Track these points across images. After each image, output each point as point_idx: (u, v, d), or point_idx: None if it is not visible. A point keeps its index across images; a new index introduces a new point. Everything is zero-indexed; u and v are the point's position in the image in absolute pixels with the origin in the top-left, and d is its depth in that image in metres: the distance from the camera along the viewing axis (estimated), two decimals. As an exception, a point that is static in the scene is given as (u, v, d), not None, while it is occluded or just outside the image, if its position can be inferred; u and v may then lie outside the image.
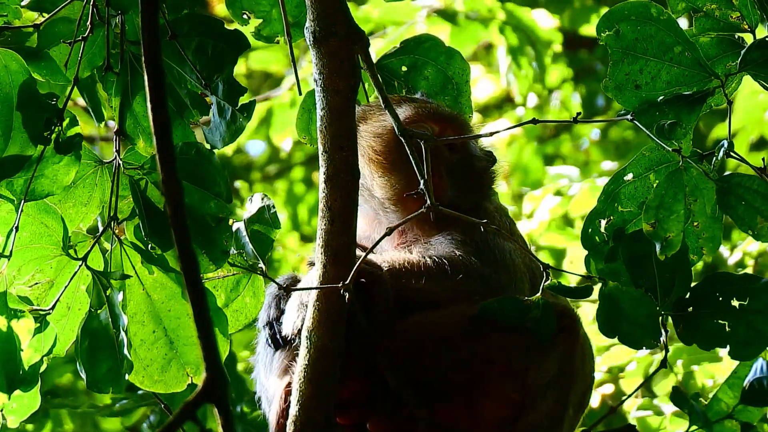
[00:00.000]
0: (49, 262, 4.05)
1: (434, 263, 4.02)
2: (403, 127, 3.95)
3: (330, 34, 3.89)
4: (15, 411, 3.98)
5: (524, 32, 8.77)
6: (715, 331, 3.93)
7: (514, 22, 8.75)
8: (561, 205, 7.14)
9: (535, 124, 4.27)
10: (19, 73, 3.95)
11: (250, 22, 4.34)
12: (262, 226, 4.06)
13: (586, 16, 9.81)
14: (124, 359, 3.95)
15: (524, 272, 4.18)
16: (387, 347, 3.96)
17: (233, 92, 4.03)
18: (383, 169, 4.24)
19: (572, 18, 9.93)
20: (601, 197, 4.02)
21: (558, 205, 7.15)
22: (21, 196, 3.98)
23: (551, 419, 4.04)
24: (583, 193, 7.06)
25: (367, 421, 4.00)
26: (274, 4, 4.32)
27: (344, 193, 3.86)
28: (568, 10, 9.89)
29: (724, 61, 3.99)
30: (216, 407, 2.83)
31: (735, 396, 4.14)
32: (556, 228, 7.15)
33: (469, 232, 4.10)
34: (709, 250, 3.97)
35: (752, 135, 8.45)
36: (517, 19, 8.75)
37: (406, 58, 4.46)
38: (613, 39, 3.95)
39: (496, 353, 3.98)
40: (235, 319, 4.18)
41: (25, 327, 3.91)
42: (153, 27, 2.93)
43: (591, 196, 7.02)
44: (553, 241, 7.16)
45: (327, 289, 3.83)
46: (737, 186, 3.93)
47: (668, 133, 3.92)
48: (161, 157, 2.84)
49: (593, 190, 7.05)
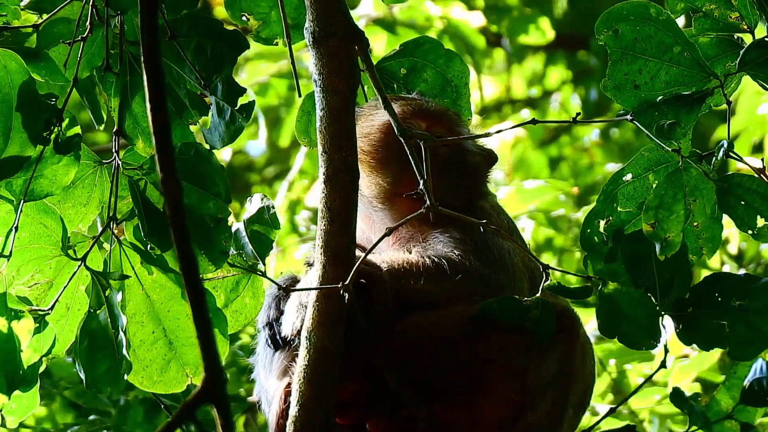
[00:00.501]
0: (49, 263, 4.05)
1: (433, 263, 4.02)
2: (402, 127, 3.95)
3: (329, 35, 3.89)
4: (14, 411, 3.98)
5: (462, 40, 8.79)
6: (714, 331, 3.93)
7: (452, 30, 8.77)
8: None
9: (535, 125, 4.27)
10: (19, 73, 3.95)
11: (249, 23, 4.34)
12: (262, 226, 4.06)
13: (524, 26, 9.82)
14: (123, 359, 3.95)
15: (523, 271, 4.17)
16: (386, 347, 3.96)
17: (232, 92, 4.03)
18: (370, 168, 4.24)
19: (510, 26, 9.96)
20: (600, 197, 4.02)
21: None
22: (20, 197, 3.98)
23: (551, 419, 4.04)
24: (511, 194, 7.06)
25: (366, 422, 4.00)
26: (273, 6, 4.32)
27: (343, 194, 3.86)
28: (507, 18, 9.92)
29: (724, 61, 3.99)
30: (215, 407, 2.83)
31: (734, 396, 4.14)
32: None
33: (468, 231, 4.10)
34: (708, 251, 3.97)
35: (754, 137, 8.45)
36: (454, 28, 8.77)
37: (406, 61, 4.46)
38: (612, 39, 3.95)
39: (495, 353, 3.98)
40: (234, 319, 4.18)
41: (25, 327, 3.91)
42: (152, 27, 2.93)
43: (518, 197, 7.05)
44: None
45: (326, 290, 3.83)
46: (737, 186, 3.93)
47: (667, 133, 3.92)
48: (160, 158, 2.84)
49: (520, 191, 7.07)
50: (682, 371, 6.11)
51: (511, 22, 9.73)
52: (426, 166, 3.91)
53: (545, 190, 7.09)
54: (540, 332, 3.96)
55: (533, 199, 7.07)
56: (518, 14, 9.68)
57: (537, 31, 9.57)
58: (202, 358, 2.80)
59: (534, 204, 7.07)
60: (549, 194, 7.09)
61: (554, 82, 11.50)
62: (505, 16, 9.66)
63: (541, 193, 7.06)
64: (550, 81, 11.48)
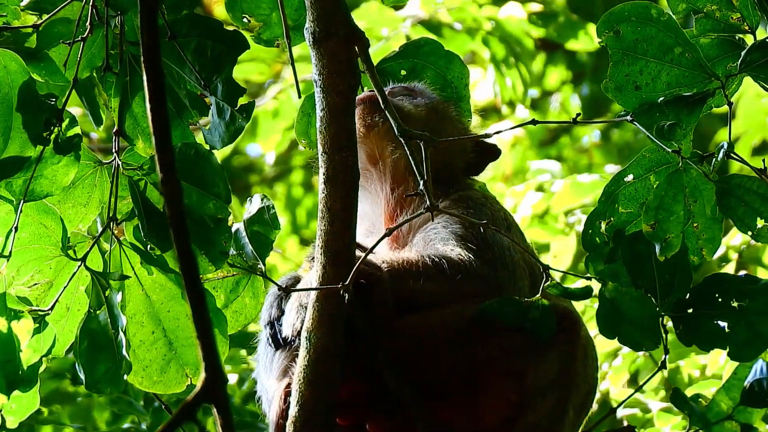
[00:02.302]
0: (49, 263, 4.05)
1: (433, 263, 4.02)
2: (402, 127, 3.95)
3: (330, 35, 3.89)
4: (14, 411, 3.98)
5: (508, 42, 8.79)
6: (714, 332, 3.93)
7: (499, 32, 8.77)
8: (543, 200, 7.17)
9: (535, 125, 4.27)
10: (19, 73, 3.95)
11: (250, 25, 4.34)
12: (262, 226, 4.06)
13: (573, 32, 9.82)
14: (123, 360, 3.95)
15: (524, 269, 4.17)
16: (386, 347, 3.96)
17: (232, 93, 4.03)
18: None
19: (558, 31, 9.95)
20: (601, 198, 4.02)
21: (540, 201, 7.17)
22: (20, 197, 3.97)
23: (551, 420, 4.03)
24: (565, 188, 7.09)
25: (366, 422, 4.00)
26: (273, 7, 4.32)
27: (344, 194, 3.86)
28: (553, 23, 9.91)
29: (725, 63, 3.98)
30: (215, 407, 2.83)
31: (734, 397, 4.14)
32: (539, 223, 7.19)
33: (469, 226, 4.10)
34: (708, 251, 3.97)
35: (755, 139, 8.45)
36: (501, 30, 8.77)
37: (406, 62, 4.46)
38: (614, 40, 3.95)
39: (495, 354, 3.98)
40: (234, 320, 4.18)
41: (25, 327, 3.91)
42: (152, 28, 2.92)
43: (573, 191, 7.08)
44: (536, 236, 7.20)
45: (326, 290, 3.83)
46: (737, 187, 3.93)
47: (668, 134, 3.91)
48: (160, 158, 2.84)
49: (575, 186, 7.09)
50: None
51: (559, 28, 9.73)
52: (426, 166, 3.90)
53: (600, 184, 7.09)
54: (540, 333, 3.96)
55: (587, 193, 7.08)
56: (565, 20, 9.67)
57: (585, 37, 9.56)
58: (202, 358, 2.79)
59: (588, 198, 7.07)
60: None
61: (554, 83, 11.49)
62: (552, 21, 9.66)
63: (596, 187, 7.05)
64: (549, 81, 11.48)
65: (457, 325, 4.00)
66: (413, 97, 4.42)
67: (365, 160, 4.37)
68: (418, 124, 4.18)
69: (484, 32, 8.72)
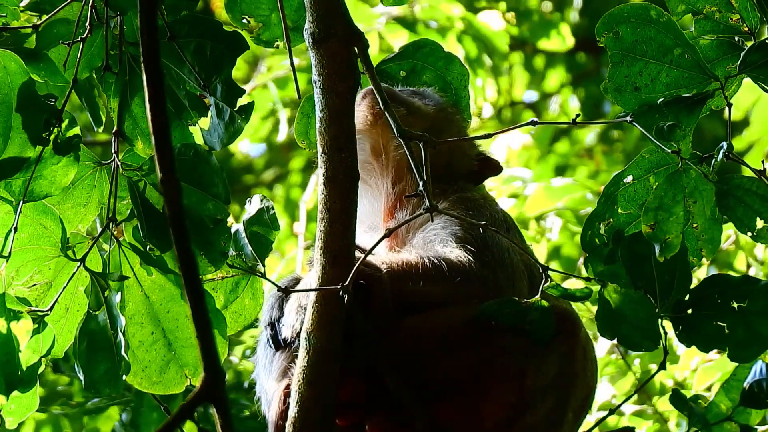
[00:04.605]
0: (48, 263, 4.05)
1: (432, 265, 4.02)
2: (402, 128, 3.95)
3: (329, 35, 3.89)
4: (13, 412, 3.98)
5: (482, 41, 8.80)
6: (714, 333, 3.93)
7: (472, 31, 8.77)
8: (516, 207, 7.17)
9: (534, 126, 4.27)
10: (18, 74, 3.95)
11: (250, 26, 4.34)
12: (261, 227, 4.06)
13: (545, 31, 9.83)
14: (122, 360, 3.95)
15: (522, 271, 4.17)
16: (386, 349, 3.96)
17: (232, 93, 4.04)
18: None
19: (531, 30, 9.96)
20: (600, 199, 4.03)
21: (513, 207, 7.17)
22: (19, 197, 3.97)
23: (550, 422, 4.03)
24: (538, 192, 7.09)
25: (365, 423, 4.00)
26: (273, 8, 4.32)
27: (343, 195, 3.86)
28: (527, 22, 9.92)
29: (724, 64, 3.98)
30: (215, 407, 2.83)
31: (733, 398, 4.14)
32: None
33: (468, 227, 4.10)
34: (708, 252, 3.97)
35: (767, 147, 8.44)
36: (475, 29, 8.78)
37: (405, 63, 4.46)
38: (613, 41, 3.95)
39: (494, 355, 3.98)
40: (234, 320, 4.18)
41: (24, 328, 3.91)
42: (152, 28, 2.92)
43: (545, 196, 7.07)
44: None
45: (326, 291, 3.82)
46: (736, 188, 3.93)
47: (667, 135, 3.91)
48: (160, 159, 2.84)
49: (548, 189, 7.08)
50: (705, 373, 6.08)
51: (533, 27, 9.73)
52: (426, 166, 3.91)
53: (573, 188, 7.09)
54: (539, 334, 3.96)
55: (561, 196, 7.09)
56: (539, 19, 9.68)
57: (558, 37, 9.58)
58: (201, 359, 2.79)
59: (562, 202, 7.08)
60: (577, 192, 7.10)
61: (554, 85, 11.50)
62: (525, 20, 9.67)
63: (569, 191, 7.06)
64: (549, 83, 11.49)
65: (456, 326, 4.00)
66: (423, 97, 4.44)
67: (368, 152, 4.38)
68: (426, 121, 4.24)
69: (458, 30, 8.74)
